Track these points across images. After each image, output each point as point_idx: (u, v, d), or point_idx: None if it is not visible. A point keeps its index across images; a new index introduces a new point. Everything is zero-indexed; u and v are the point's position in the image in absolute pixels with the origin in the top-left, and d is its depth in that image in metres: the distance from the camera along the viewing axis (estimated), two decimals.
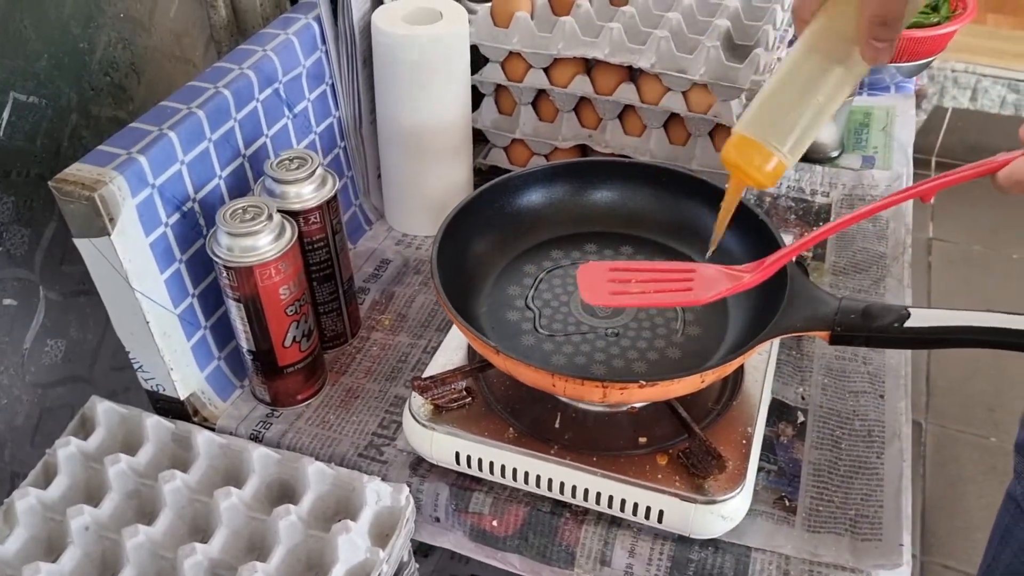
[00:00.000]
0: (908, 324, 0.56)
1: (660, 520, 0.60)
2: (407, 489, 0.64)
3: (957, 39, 1.15)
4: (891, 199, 0.57)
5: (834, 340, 0.58)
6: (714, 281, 0.59)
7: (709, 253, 0.62)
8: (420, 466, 0.67)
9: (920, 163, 2.30)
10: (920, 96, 2.28)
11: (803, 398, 0.72)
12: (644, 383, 0.55)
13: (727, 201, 0.59)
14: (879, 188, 0.95)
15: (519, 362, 0.57)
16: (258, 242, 0.63)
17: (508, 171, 0.92)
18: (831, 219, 0.90)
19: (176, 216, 0.65)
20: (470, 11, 0.93)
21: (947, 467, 1.57)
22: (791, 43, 1.02)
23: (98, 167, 0.60)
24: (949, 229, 2.10)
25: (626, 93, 0.84)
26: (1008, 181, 0.52)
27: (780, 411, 0.70)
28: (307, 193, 0.68)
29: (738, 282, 0.58)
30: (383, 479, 0.65)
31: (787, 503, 0.64)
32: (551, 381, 0.57)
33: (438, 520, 0.66)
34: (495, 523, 0.64)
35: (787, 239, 0.76)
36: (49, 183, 0.58)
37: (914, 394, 1.68)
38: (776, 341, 0.69)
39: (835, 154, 0.99)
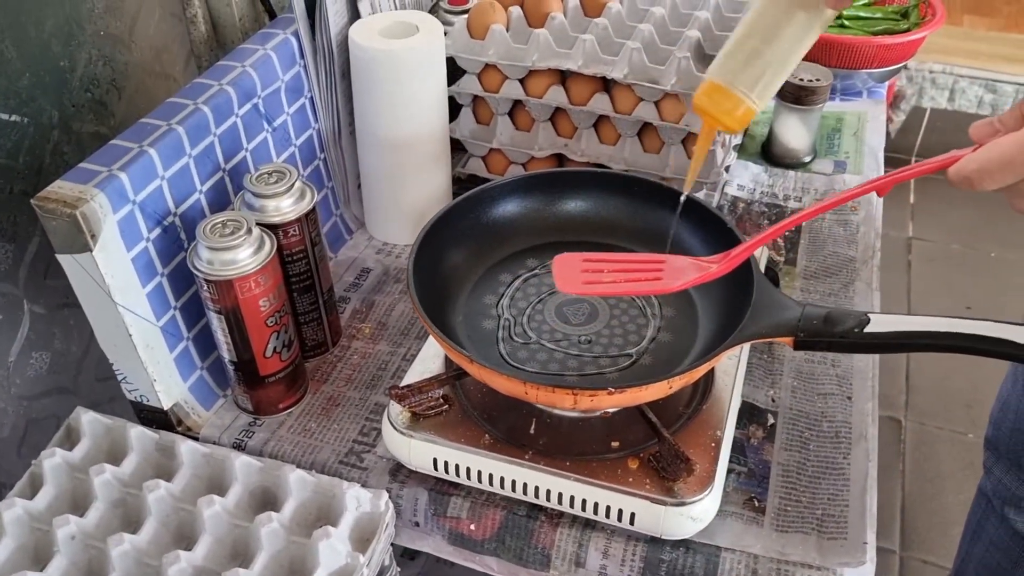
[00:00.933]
0: (868, 329, 0.58)
1: (632, 522, 0.61)
2: (386, 495, 0.65)
3: (934, 40, 1.17)
4: (848, 193, 0.59)
5: (798, 346, 0.60)
6: (682, 271, 0.61)
7: (684, 195, 0.66)
8: (399, 472, 0.68)
9: (900, 163, 2.34)
10: (899, 97, 2.32)
11: (773, 400, 0.74)
12: (613, 390, 0.57)
13: (699, 147, 0.62)
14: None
15: (493, 371, 0.59)
16: (238, 256, 0.64)
17: (486, 179, 0.94)
18: (803, 225, 0.92)
19: (157, 231, 0.67)
20: (447, 23, 0.95)
21: (926, 464, 1.59)
22: None
23: (80, 184, 0.61)
24: (928, 228, 2.12)
25: (600, 103, 0.86)
26: (957, 176, 0.55)
27: (751, 413, 0.72)
28: (286, 206, 0.69)
29: (706, 272, 0.61)
30: (363, 485, 0.67)
31: (756, 504, 0.66)
32: (524, 389, 0.58)
33: (417, 524, 0.68)
34: (473, 527, 0.66)
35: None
36: (32, 201, 0.60)
37: (893, 392, 1.71)
38: (746, 346, 0.71)
39: (808, 159, 1.01)
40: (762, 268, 0.77)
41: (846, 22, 1.11)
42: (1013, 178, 0.52)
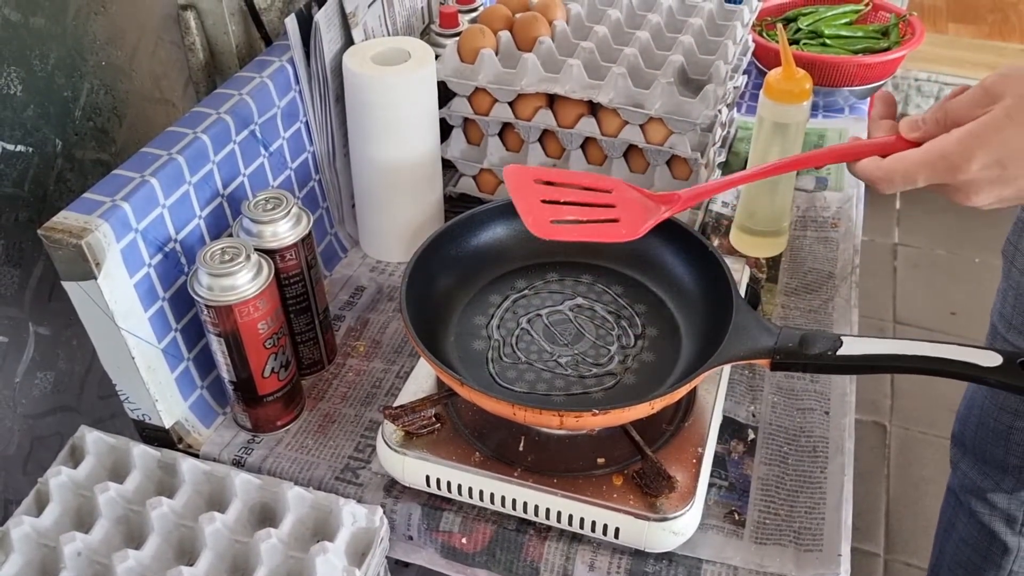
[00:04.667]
0: (841, 352, 0.61)
1: (617, 536, 0.64)
2: (381, 510, 0.68)
3: (920, 49, 1.20)
4: (785, 163, 0.67)
5: (774, 367, 0.63)
6: (637, 213, 0.67)
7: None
8: (394, 488, 0.71)
9: None
10: None
11: (754, 416, 0.76)
12: (597, 412, 0.59)
13: None
14: (831, 209, 1.00)
15: (482, 393, 0.61)
16: (237, 281, 0.67)
17: (477, 198, 0.97)
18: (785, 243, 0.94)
19: (159, 257, 0.69)
20: (438, 45, 0.97)
21: (910, 468, 1.62)
22: (745, 72, 1.07)
23: (84, 215, 0.63)
24: (913, 234, 2.16)
25: (587, 126, 0.88)
26: (861, 174, 0.61)
27: (732, 429, 0.75)
28: (283, 231, 0.72)
29: (659, 215, 0.67)
30: (359, 501, 0.70)
31: (737, 517, 0.69)
32: (512, 410, 0.61)
33: (411, 538, 0.70)
34: (464, 540, 0.68)
35: (736, 262, 0.80)
36: (38, 231, 0.62)
37: (879, 397, 1.74)
38: (727, 366, 0.74)
39: (794, 175, 1.04)
40: (743, 285, 0.80)
41: (828, 41, 1.14)
42: (909, 186, 0.58)
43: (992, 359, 0.56)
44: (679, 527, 0.63)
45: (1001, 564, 1.09)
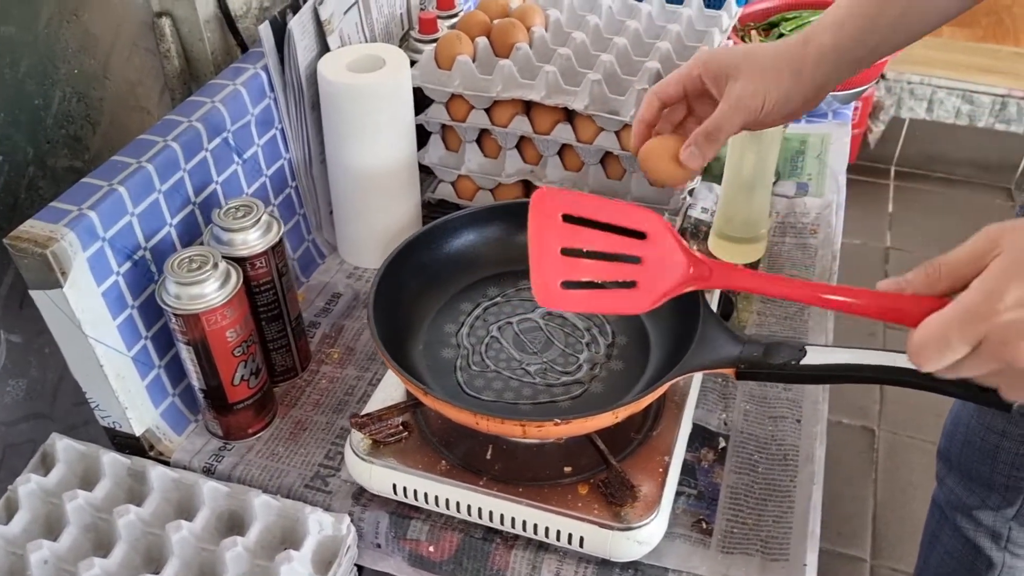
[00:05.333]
0: (804, 362, 0.61)
1: (581, 545, 0.64)
2: (348, 519, 0.68)
3: (913, 52, 1.19)
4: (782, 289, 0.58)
5: (739, 376, 0.63)
6: (660, 275, 0.58)
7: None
8: (362, 496, 0.71)
9: (880, 172, 2.37)
10: (878, 108, 2.35)
11: (726, 424, 0.76)
12: (559, 421, 0.59)
13: None
14: (810, 215, 1.00)
15: (445, 402, 0.61)
16: (204, 290, 0.67)
17: (456, 204, 0.97)
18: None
19: (127, 265, 0.69)
20: (417, 51, 0.97)
21: (898, 472, 1.62)
22: None
23: (50, 224, 0.64)
24: (905, 239, 2.15)
25: (562, 133, 0.88)
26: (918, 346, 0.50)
27: (703, 437, 0.75)
28: (253, 239, 0.72)
29: (679, 283, 0.58)
30: (328, 508, 0.70)
31: (704, 526, 0.68)
32: (475, 419, 0.61)
33: (379, 546, 0.70)
34: (431, 549, 0.68)
35: None
36: (4, 240, 0.62)
37: (867, 402, 1.74)
38: (698, 375, 0.74)
39: (771, 181, 1.04)
40: (717, 293, 0.80)
41: None
42: (947, 353, 0.49)
43: None
44: (643, 536, 0.63)
45: None
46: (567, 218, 0.58)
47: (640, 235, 0.58)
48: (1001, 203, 2.29)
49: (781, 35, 1.16)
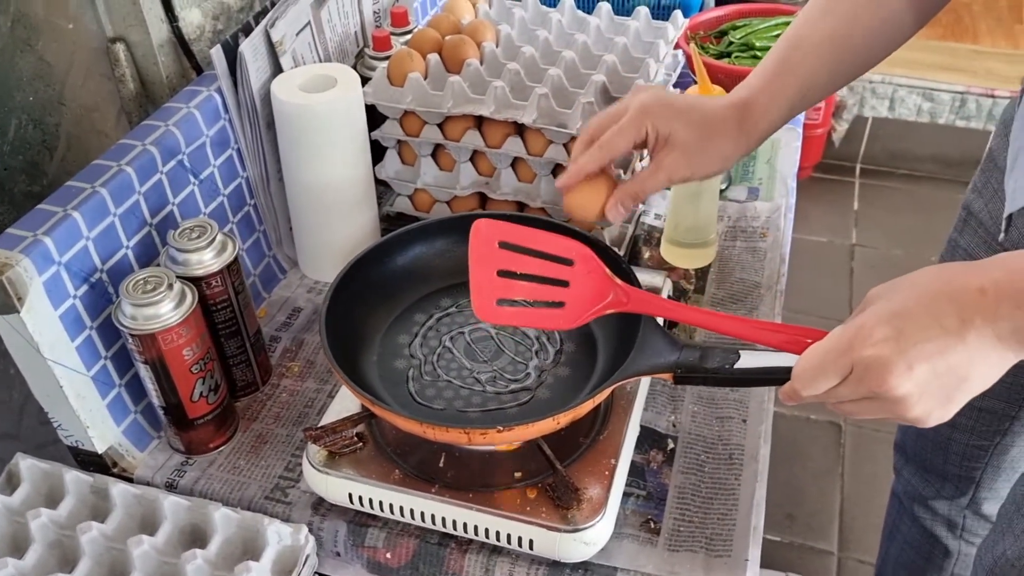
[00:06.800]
0: (738, 365, 0.63)
1: (531, 548, 0.66)
2: (306, 529, 0.70)
3: None
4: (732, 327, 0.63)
5: (677, 381, 0.65)
6: (586, 297, 0.65)
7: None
8: (321, 506, 0.73)
9: (845, 170, 2.41)
10: (840, 107, 2.39)
11: (674, 426, 0.79)
12: (502, 428, 0.62)
13: None
14: (760, 219, 1.03)
15: (392, 413, 0.64)
16: (160, 310, 0.69)
17: (414, 217, 0.99)
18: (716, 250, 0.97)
19: (84, 288, 0.71)
20: (371, 68, 0.99)
21: (864, 465, 1.65)
22: (677, 86, 1.09)
23: (5, 250, 0.65)
24: (870, 235, 2.19)
25: (513, 146, 0.91)
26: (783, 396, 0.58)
27: (652, 439, 0.77)
28: (208, 259, 0.74)
29: (603, 304, 0.65)
30: (287, 519, 0.72)
31: (652, 525, 0.71)
32: (421, 429, 0.63)
33: (338, 554, 0.72)
34: (388, 555, 0.71)
35: (656, 275, 0.83)
36: None
37: None
38: (646, 379, 0.76)
39: (723, 186, 1.07)
40: (665, 297, 0.82)
41: (759, 54, 1.17)
42: (822, 380, 0.54)
43: None
44: (590, 537, 0.65)
45: (943, 567, 1.12)
46: (503, 244, 0.65)
47: (569, 262, 0.65)
48: (962, 198, 2.33)
49: (731, 43, 1.19)
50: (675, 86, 1.08)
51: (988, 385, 0.52)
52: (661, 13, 1.08)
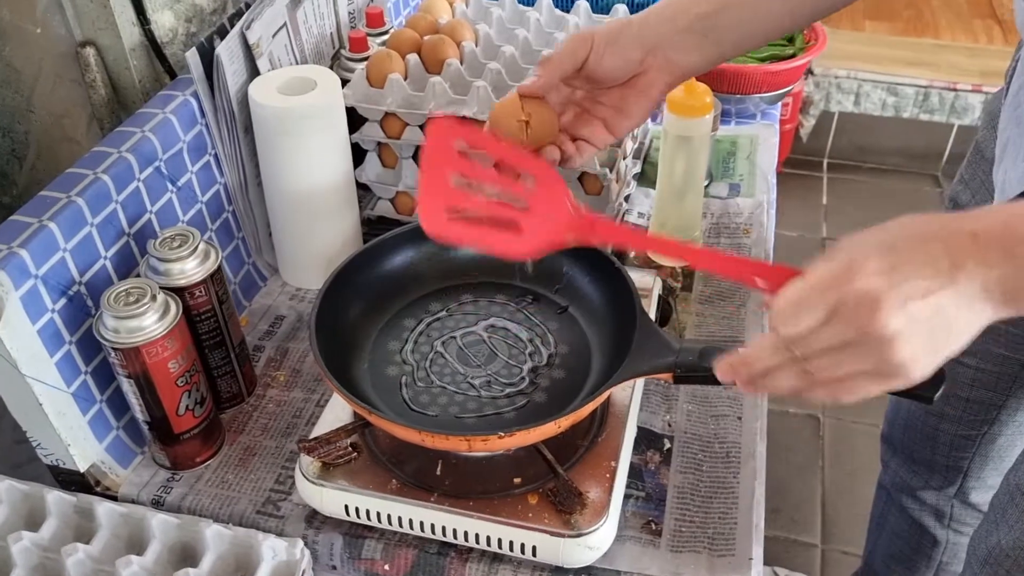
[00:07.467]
0: None
1: (534, 554, 0.65)
2: (301, 543, 0.68)
3: (839, 46, 1.23)
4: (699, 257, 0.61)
5: (676, 380, 0.64)
6: (545, 224, 0.59)
7: None
8: (315, 518, 0.71)
9: (813, 165, 2.43)
10: (807, 103, 2.41)
11: (670, 425, 0.78)
12: (503, 434, 0.60)
13: None
14: (743, 215, 1.02)
15: (390, 421, 0.62)
16: (143, 322, 0.66)
17: (396, 220, 0.97)
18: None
19: (62, 301, 0.68)
20: (348, 70, 0.98)
21: (844, 458, 1.66)
22: None
23: None
24: (841, 229, 2.21)
25: None
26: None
27: (648, 439, 0.77)
28: (190, 269, 0.72)
29: (563, 236, 0.60)
30: (281, 533, 0.70)
31: (653, 526, 0.70)
32: (420, 437, 0.62)
33: (335, 568, 0.70)
34: (387, 567, 0.69)
35: (647, 275, 0.82)
36: None
37: None
38: (640, 380, 0.75)
39: (705, 183, 1.06)
40: (655, 297, 0.81)
41: None
42: (805, 316, 0.49)
43: None
44: (594, 542, 0.64)
45: (931, 556, 1.13)
46: (462, 151, 0.60)
47: (530, 183, 0.60)
48: (929, 189, 2.37)
49: None
50: None
51: (964, 342, 0.49)
52: (639, 10, 1.08)
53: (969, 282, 0.47)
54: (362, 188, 0.96)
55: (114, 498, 0.74)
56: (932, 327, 0.47)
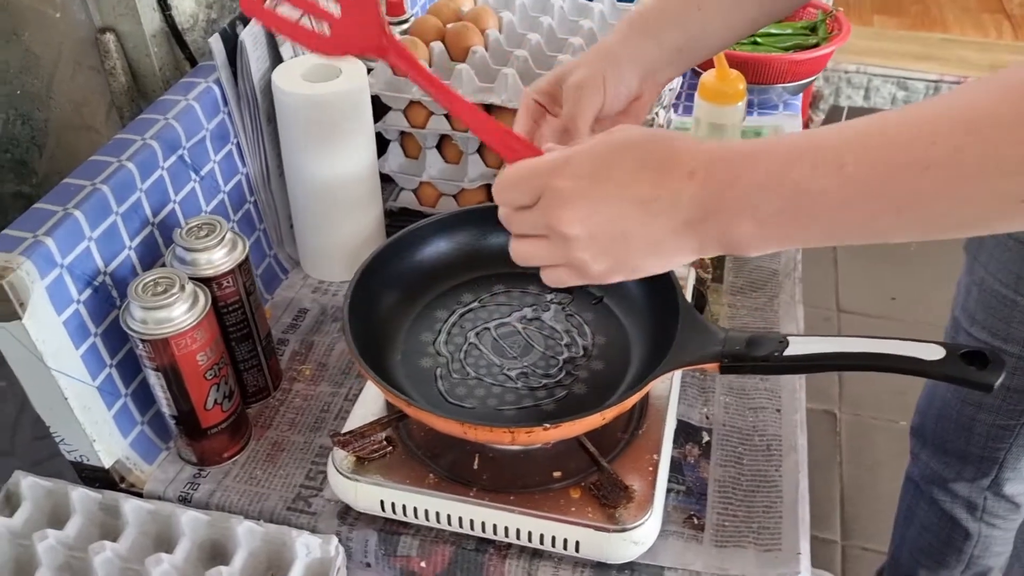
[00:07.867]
0: (787, 352, 0.60)
1: (577, 550, 0.63)
2: (336, 540, 0.66)
3: (848, 42, 1.22)
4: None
5: (723, 370, 0.63)
6: (355, 32, 0.62)
7: None
8: (348, 514, 0.69)
9: None
10: (817, 98, 2.39)
11: (707, 418, 0.76)
12: (549, 426, 0.59)
13: None
14: None
15: (432, 414, 0.60)
16: (172, 313, 0.64)
17: (419, 212, 0.95)
18: None
19: (88, 292, 0.66)
20: (370, 59, 0.96)
21: (863, 453, 1.65)
22: None
23: (5, 253, 0.61)
24: None
25: None
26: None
27: (687, 432, 0.75)
28: (218, 258, 0.70)
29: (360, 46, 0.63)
30: (313, 530, 0.68)
31: (696, 521, 0.68)
32: (462, 429, 0.60)
33: (369, 565, 0.69)
34: (423, 564, 0.67)
35: (683, 267, 0.80)
36: None
37: (827, 384, 1.76)
38: (678, 371, 0.74)
39: None
40: (689, 288, 0.80)
41: (759, 39, 1.15)
42: (515, 199, 0.52)
43: (935, 352, 0.56)
44: (639, 536, 0.62)
45: (963, 549, 1.11)
46: None
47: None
48: None
49: None
50: None
51: (661, 264, 0.52)
52: None
53: (670, 216, 0.49)
54: (383, 179, 0.94)
55: (139, 495, 0.72)
56: (612, 239, 0.50)
